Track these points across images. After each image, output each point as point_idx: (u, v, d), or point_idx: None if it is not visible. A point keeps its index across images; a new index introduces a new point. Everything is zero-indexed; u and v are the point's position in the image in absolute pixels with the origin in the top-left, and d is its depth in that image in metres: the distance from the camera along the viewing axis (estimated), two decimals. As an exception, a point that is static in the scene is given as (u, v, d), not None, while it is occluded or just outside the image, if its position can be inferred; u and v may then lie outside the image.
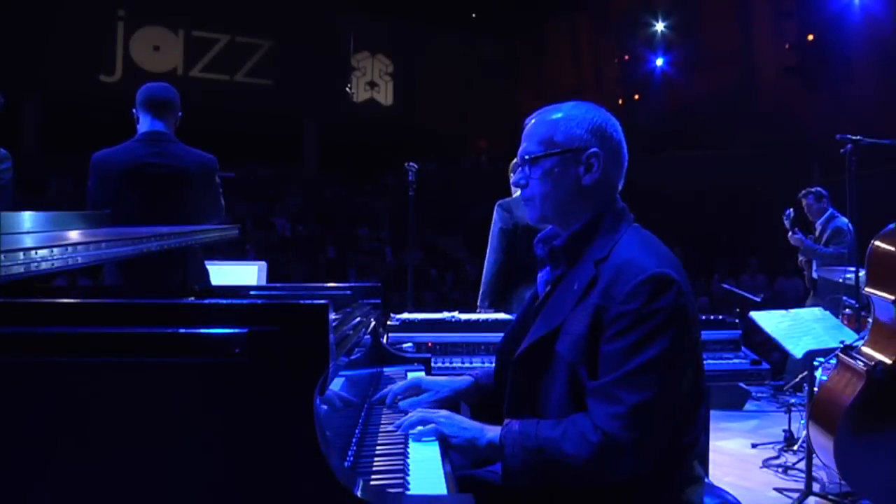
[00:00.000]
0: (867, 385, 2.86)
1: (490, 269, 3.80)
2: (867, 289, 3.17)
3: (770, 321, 3.69)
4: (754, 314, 3.78)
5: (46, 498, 1.01)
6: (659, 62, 15.69)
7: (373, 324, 2.11)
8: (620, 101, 16.34)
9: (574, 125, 1.55)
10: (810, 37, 12.55)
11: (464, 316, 3.28)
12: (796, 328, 3.64)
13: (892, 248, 3.07)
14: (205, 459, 1.02)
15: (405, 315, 3.26)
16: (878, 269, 3.12)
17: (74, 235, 1.70)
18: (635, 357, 1.36)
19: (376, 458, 1.39)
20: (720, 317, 3.29)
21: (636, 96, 16.26)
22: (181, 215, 2.99)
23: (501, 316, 3.41)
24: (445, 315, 3.27)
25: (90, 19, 15.51)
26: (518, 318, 1.76)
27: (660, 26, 15.75)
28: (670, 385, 1.38)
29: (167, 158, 3.03)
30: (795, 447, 4.36)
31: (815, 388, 3.65)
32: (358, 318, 1.73)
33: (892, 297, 2.95)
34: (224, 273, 3.67)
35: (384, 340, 2.66)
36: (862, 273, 4.05)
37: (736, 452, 4.58)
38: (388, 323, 3.08)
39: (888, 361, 2.88)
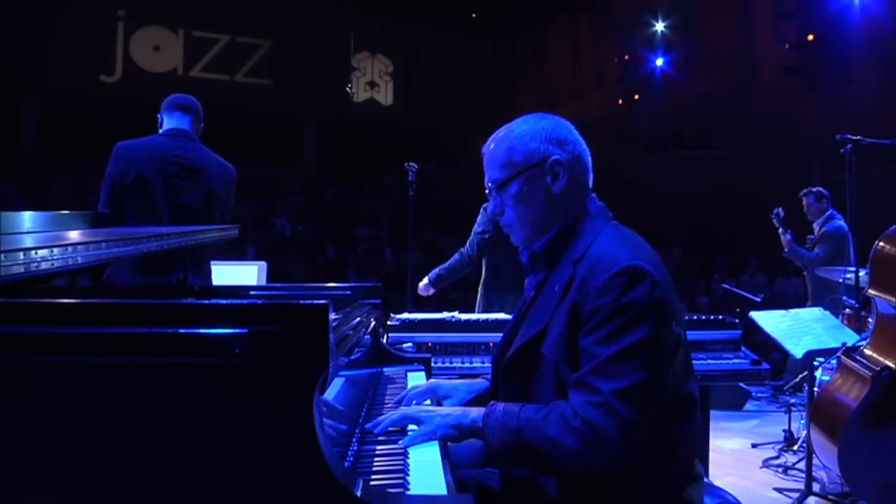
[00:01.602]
0: (872, 390, 2.84)
1: (454, 262, 4.02)
2: (870, 290, 3.16)
3: (770, 321, 3.69)
4: (754, 314, 3.77)
5: (47, 498, 1.01)
6: (659, 62, 15.68)
7: (373, 324, 2.12)
8: (620, 101, 16.35)
9: (528, 140, 1.56)
10: (810, 37, 12.55)
11: (464, 316, 3.28)
12: (796, 328, 3.63)
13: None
14: (205, 459, 1.02)
15: (405, 315, 3.27)
16: (882, 271, 3.10)
17: (74, 235, 1.70)
18: (611, 346, 1.37)
19: (376, 458, 1.39)
20: (720, 317, 3.29)
21: (636, 96, 16.26)
22: (200, 208, 3.04)
23: (501, 316, 3.41)
24: (445, 315, 3.27)
25: (90, 19, 15.50)
26: (510, 325, 1.77)
27: (660, 26, 15.75)
28: (649, 373, 1.37)
29: (191, 153, 3.09)
30: (795, 447, 4.35)
31: (816, 389, 3.64)
32: (358, 318, 1.73)
33: (895, 300, 2.94)
34: (224, 273, 3.67)
35: (384, 340, 2.66)
36: (862, 273, 4.04)
37: (736, 452, 4.58)
38: (388, 323, 3.09)
39: (893, 366, 2.87)
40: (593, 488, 1.43)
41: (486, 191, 1.63)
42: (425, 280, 4.08)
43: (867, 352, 3.05)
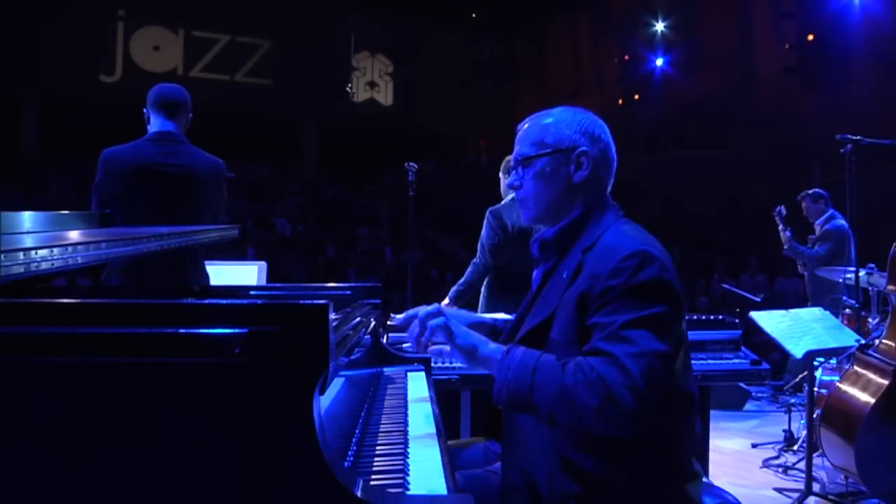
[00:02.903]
0: (894, 382, 2.83)
1: (471, 275, 3.92)
2: (890, 286, 3.20)
3: (770, 321, 3.68)
4: (754, 314, 3.77)
5: (46, 498, 1.01)
6: (659, 62, 15.69)
7: (373, 324, 2.11)
8: (620, 101, 16.34)
9: (563, 127, 1.62)
10: (810, 37, 12.56)
11: (464, 316, 3.26)
12: (796, 328, 3.63)
13: None
14: (204, 459, 1.02)
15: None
16: None
17: (74, 235, 1.69)
18: (625, 315, 1.38)
19: (376, 458, 1.39)
20: (720, 317, 3.28)
21: (636, 96, 16.26)
22: (188, 216, 2.99)
23: (502, 316, 3.41)
24: (446, 315, 3.24)
25: (90, 19, 15.52)
26: (516, 316, 1.77)
27: (660, 26, 15.76)
28: (662, 344, 1.36)
29: (177, 159, 3.03)
30: (795, 447, 4.36)
31: (816, 389, 3.64)
32: (358, 318, 1.73)
33: None
34: (224, 273, 3.67)
35: (384, 340, 2.66)
36: (862, 272, 4.06)
37: (736, 452, 4.58)
38: (388, 323, 3.08)
39: None
40: (592, 485, 1.43)
41: (506, 159, 1.65)
42: (446, 300, 3.95)
43: (883, 347, 3.05)
